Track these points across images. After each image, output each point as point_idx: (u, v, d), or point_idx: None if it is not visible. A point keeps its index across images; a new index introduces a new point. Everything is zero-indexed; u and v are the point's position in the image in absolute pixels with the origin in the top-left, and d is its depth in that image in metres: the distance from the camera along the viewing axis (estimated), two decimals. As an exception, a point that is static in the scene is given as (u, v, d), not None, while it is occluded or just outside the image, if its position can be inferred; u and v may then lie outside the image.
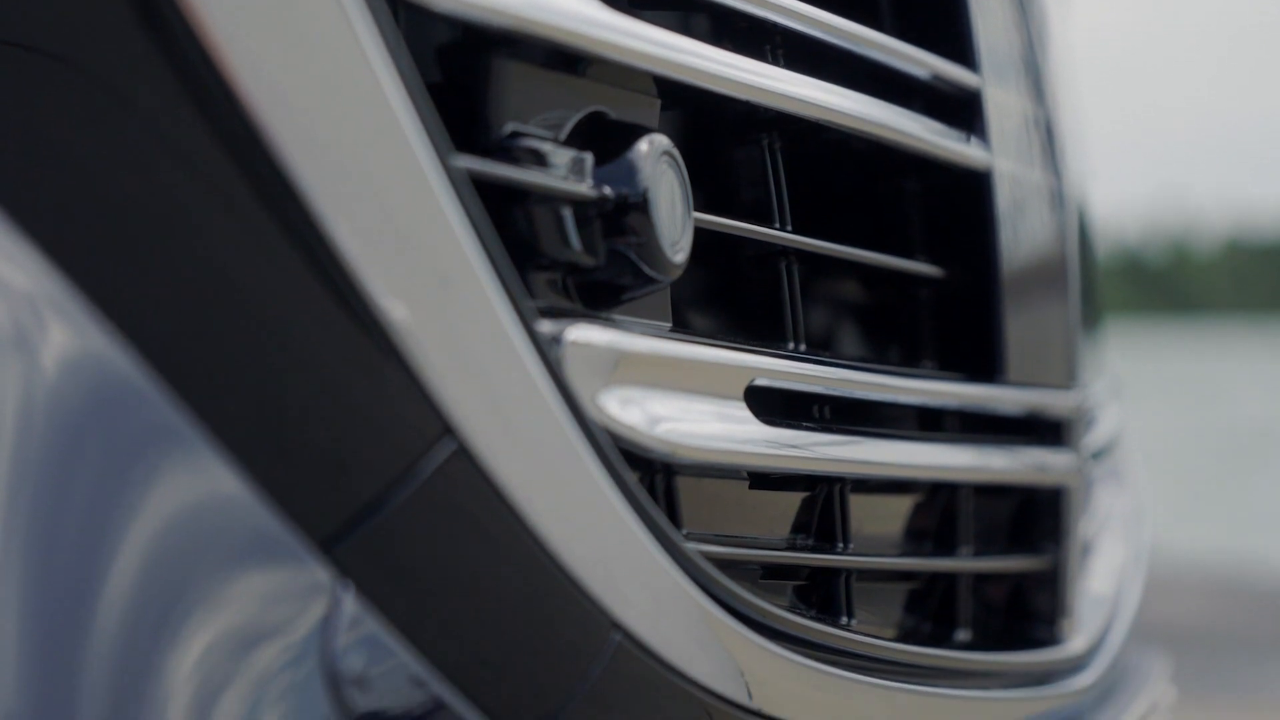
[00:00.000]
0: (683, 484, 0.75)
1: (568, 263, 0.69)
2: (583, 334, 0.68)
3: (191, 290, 0.58)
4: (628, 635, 0.68)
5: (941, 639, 0.97)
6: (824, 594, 0.85)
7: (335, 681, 0.59)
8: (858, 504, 0.87)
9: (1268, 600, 6.67)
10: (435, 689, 0.62)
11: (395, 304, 0.61)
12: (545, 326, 0.67)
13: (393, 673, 0.61)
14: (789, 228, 0.85)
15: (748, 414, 0.77)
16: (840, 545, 0.85)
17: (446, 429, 0.62)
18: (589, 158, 0.70)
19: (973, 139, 0.98)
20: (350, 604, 0.60)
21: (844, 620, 0.85)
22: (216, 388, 0.59)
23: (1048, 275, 1.07)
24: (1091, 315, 1.31)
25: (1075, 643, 1.10)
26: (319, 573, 0.59)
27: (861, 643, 0.83)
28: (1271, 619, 6.35)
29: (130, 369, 0.57)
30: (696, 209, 0.75)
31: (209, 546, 0.58)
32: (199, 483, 0.58)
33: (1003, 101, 1.00)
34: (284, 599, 0.59)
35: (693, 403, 0.74)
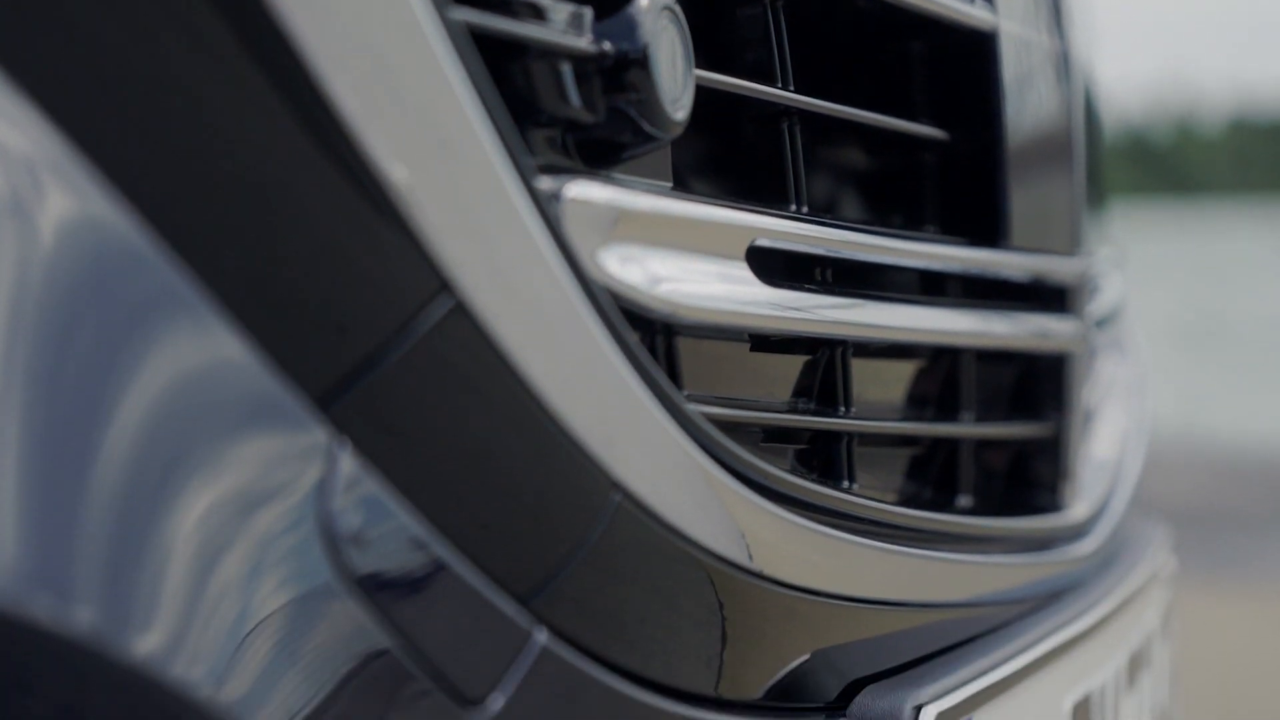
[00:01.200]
0: (683, 345, 0.74)
1: (567, 119, 0.68)
2: (582, 191, 0.67)
3: (189, 151, 0.57)
4: (628, 496, 0.68)
5: (943, 505, 0.97)
6: (825, 458, 0.84)
7: (334, 543, 0.59)
8: (860, 368, 0.86)
9: (1264, 479, 6.69)
10: (435, 550, 0.62)
11: (393, 160, 0.60)
12: (544, 183, 0.66)
13: (393, 534, 0.61)
14: (791, 88, 0.84)
15: (749, 275, 0.76)
16: (842, 409, 0.84)
17: (443, 285, 0.61)
18: (588, 12, 0.68)
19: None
20: (348, 463, 0.60)
21: (845, 484, 0.84)
22: (215, 248, 0.58)
23: (1053, 140, 1.06)
24: (1096, 185, 1.30)
25: (1077, 510, 1.10)
26: (316, 432, 0.59)
27: (863, 506, 0.83)
28: (1268, 497, 6.37)
29: (129, 230, 0.56)
30: (698, 68, 0.74)
31: (205, 406, 0.57)
32: (196, 342, 0.57)
33: (1009, -38, 0.99)
34: (282, 459, 0.59)
35: (693, 262, 0.73)
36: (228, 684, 0.55)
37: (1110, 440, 1.26)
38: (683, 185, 0.78)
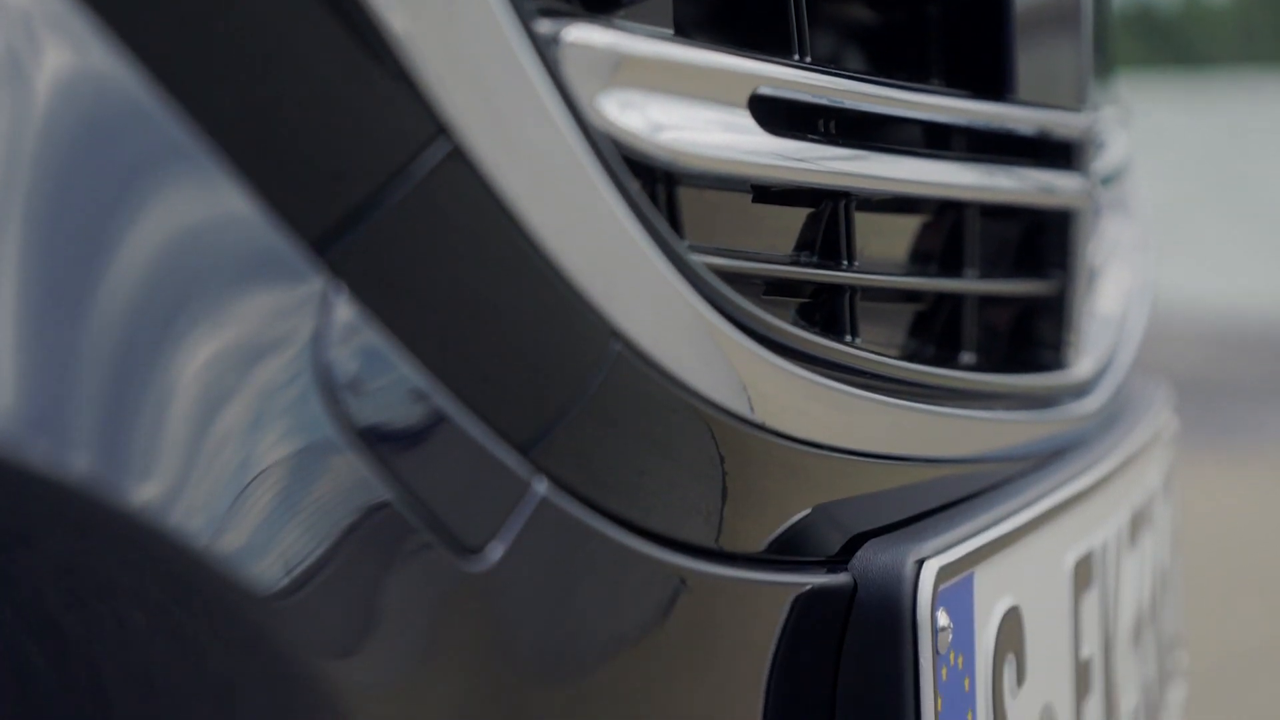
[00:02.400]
0: (685, 194, 0.73)
1: (565, -39, 0.67)
2: (582, 34, 0.66)
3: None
4: (628, 345, 0.67)
5: (946, 361, 0.97)
6: (827, 312, 0.84)
7: (333, 392, 0.58)
8: (863, 222, 0.85)
9: (1265, 348, 6.70)
10: (435, 401, 0.61)
11: (390, 3, 0.59)
12: (543, 26, 0.64)
13: (392, 385, 0.60)
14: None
15: (752, 123, 0.75)
16: (844, 262, 0.83)
17: (441, 129, 0.60)
18: None
19: None
20: (345, 312, 0.59)
21: (848, 338, 0.84)
22: (210, 94, 0.57)
23: (1060, -8, 1.04)
24: (1103, 48, 1.28)
25: (1081, 367, 1.09)
26: (314, 280, 0.58)
27: (865, 360, 0.82)
28: (1267, 366, 6.38)
29: (125, 77, 0.55)
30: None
31: (202, 254, 0.56)
32: (192, 190, 0.57)
33: None
34: (279, 308, 0.58)
35: (695, 110, 0.72)
36: (226, 535, 0.55)
37: (1114, 299, 1.25)
38: (684, 35, 0.77)
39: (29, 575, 0.53)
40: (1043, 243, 1.06)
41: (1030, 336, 1.07)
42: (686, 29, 0.83)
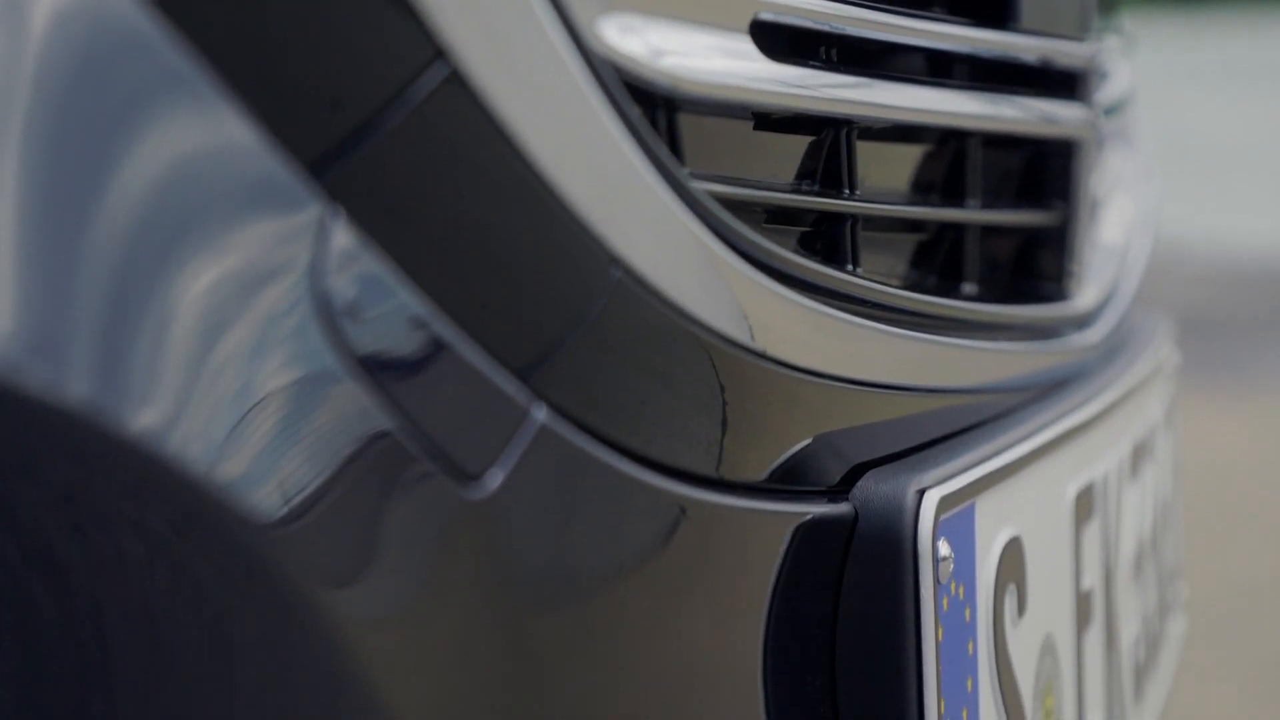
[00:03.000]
0: (685, 121, 0.72)
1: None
2: (581, -43, 0.65)
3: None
4: (628, 272, 0.67)
5: (948, 292, 0.96)
6: (829, 240, 0.83)
7: (332, 320, 0.58)
8: (865, 151, 0.85)
9: (1264, 284, 6.69)
10: (434, 328, 0.61)
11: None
12: (541, -51, 0.64)
13: (392, 312, 0.60)
14: None
15: (753, 49, 0.75)
16: (846, 191, 0.83)
17: (439, 53, 0.60)
18: None
19: None
20: (342, 235, 0.58)
21: (849, 268, 0.83)
22: (208, 16, 0.56)
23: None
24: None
25: (1083, 299, 1.09)
26: (312, 207, 0.58)
27: (866, 289, 0.82)
28: (1268, 302, 6.38)
29: (124, 3, 0.55)
30: None
31: (199, 180, 0.56)
32: (188, 116, 0.56)
33: None
34: (278, 234, 0.58)
35: (696, 35, 0.72)
36: (224, 462, 0.55)
37: (1117, 230, 1.24)
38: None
39: (29, 506, 0.52)
40: (1045, 173, 1.06)
41: (1032, 268, 1.07)
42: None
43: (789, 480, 0.77)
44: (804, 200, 0.81)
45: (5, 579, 0.52)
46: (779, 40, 0.77)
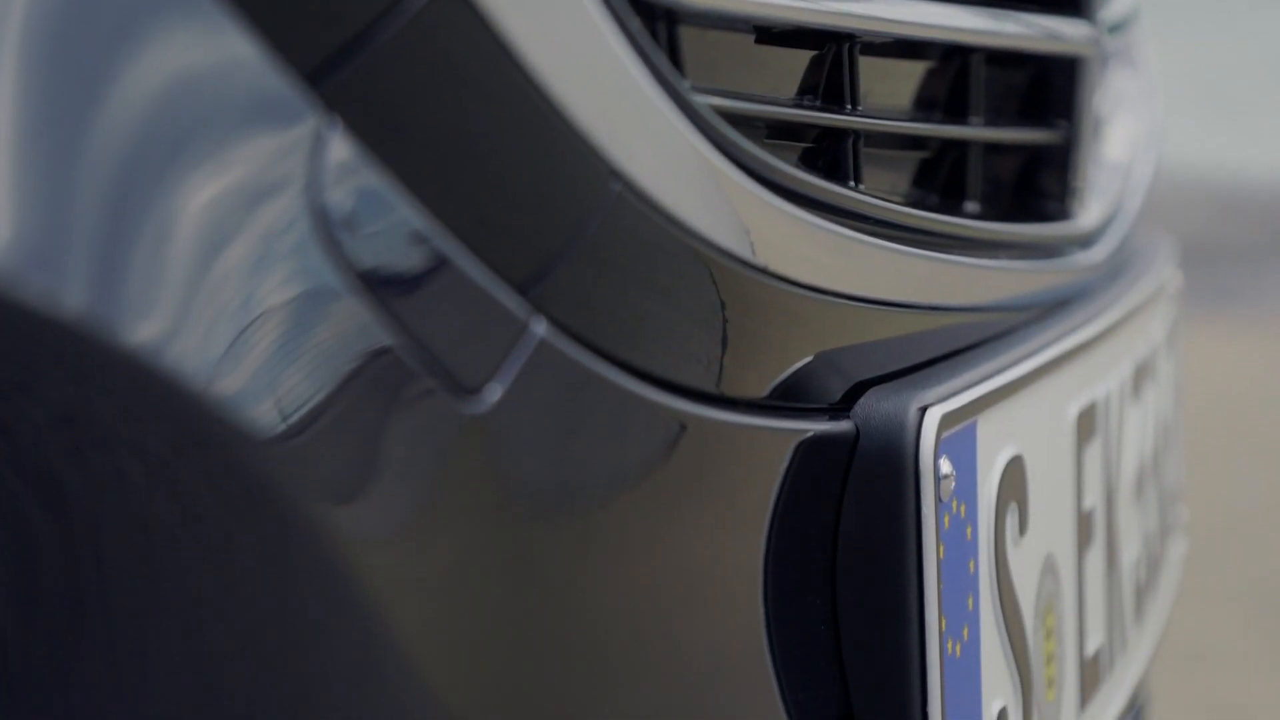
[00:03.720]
0: (686, 33, 0.71)
1: None
2: None
3: None
4: (629, 186, 0.66)
5: (950, 210, 0.95)
6: (830, 156, 0.82)
7: (330, 234, 0.57)
8: (868, 67, 0.84)
9: (1264, 212, 6.67)
10: (435, 243, 0.60)
11: None
12: None
13: (392, 227, 0.59)
14: None
15: (755, -39, 0.74)
16: (848, 106, 0.82)
17: (436, -40, 0.59)
18: None
19: None
20: (340, 148, 0.58)
21: (851, 184, 0.83)
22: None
23: None
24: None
25: (1086, 218, 1.08)
26: (310, 118, 0.57)
27: (869, 204, 0.81)
28: (1268, 229, 6.36)
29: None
30: None
31: (193, 90, 0.55)
32: (183, 24, 0.55)
33: None
34: (274, 145, 0.57)
35: (697, -54, 0.71)
36: (223, 377, 0.54)
37: (1121, 150, 1.23)
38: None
39: (29, 427, 0.52)
40: (1049, 91, 1.05)
41: (1035, 187, 1.06)
42: None
43: (790, 397, 0.77)
44: (806, 115, 0.80)
45: (5, 504, 0.52)
46: (781, -48, 0.76)
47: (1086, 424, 1.00)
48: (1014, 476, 0.88)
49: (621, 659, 0.66)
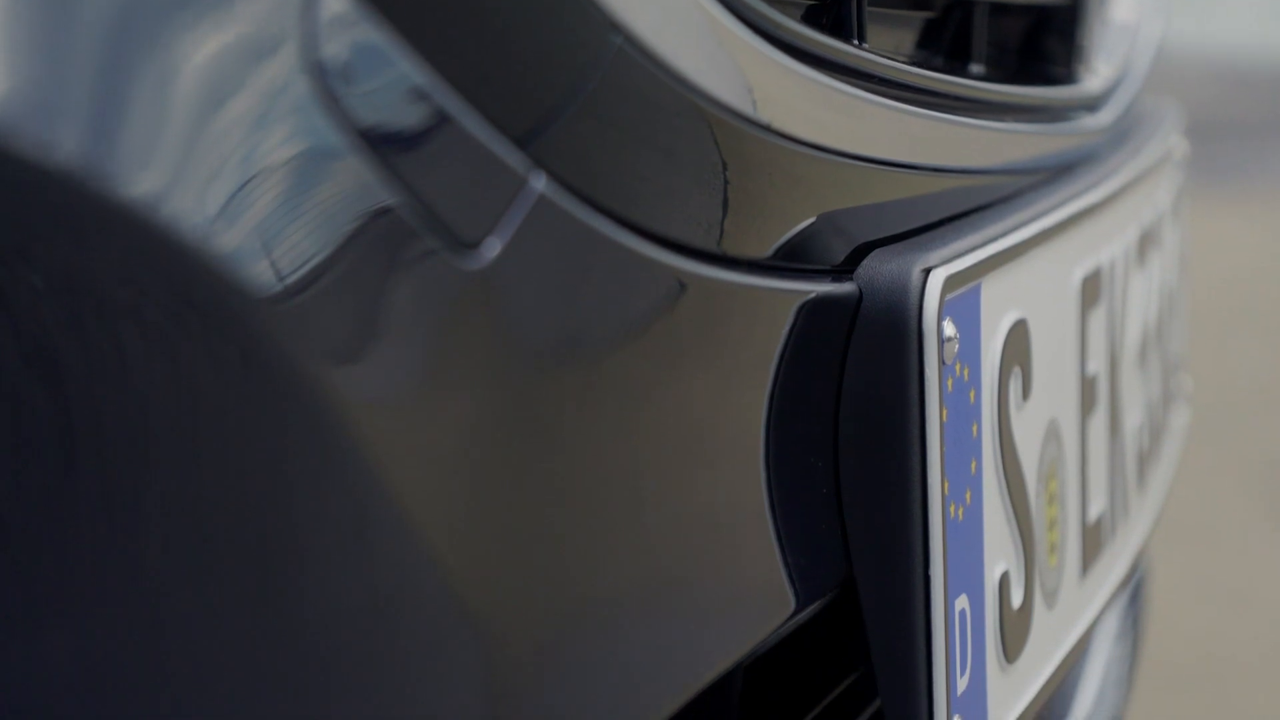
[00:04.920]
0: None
1: None
2: None
3: None
4: (629, 38, 0.65)
5: (956, 72, 0.94)
6: (836, 13, 0.81)
7: (328, 88, 0.56)
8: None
9: (1269, 87, 6.63)
10: (433, 96, 0.59)
11: None
12: None
13: (391, 83, 0.58)
14: None
15: None
16: (854, -38, 0.80)
17: None
18: None
19: None
20: (338, 3, 0.56)
21: (856, 42, 0.81)
22: None
23: None
24: None
25: (1093, 82, 1.07)
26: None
27: (874, 63, 0.80)
28: (1273, 106, 6.32)
29: None
30: None
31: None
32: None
33: None
34: (268, 1, 0.55)
35: None
36: (222, 233, 0.53)
37: (1128, 12, 1.22)
38: None
39: (27, 294, 0.51)
40: (1056, -49, 1.03)
41: (1042, 51, 1.05)
42: None
43: (792, 258, 0.76)
44: (810, -30, 0.78)
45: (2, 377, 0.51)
46: None
47: (1091, 289, 0.99)
48: (1018, 340, 0.87)
49: (621, 519, 0.66)
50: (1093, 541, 1.01)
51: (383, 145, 0.57)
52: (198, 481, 0.54)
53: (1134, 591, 1.41)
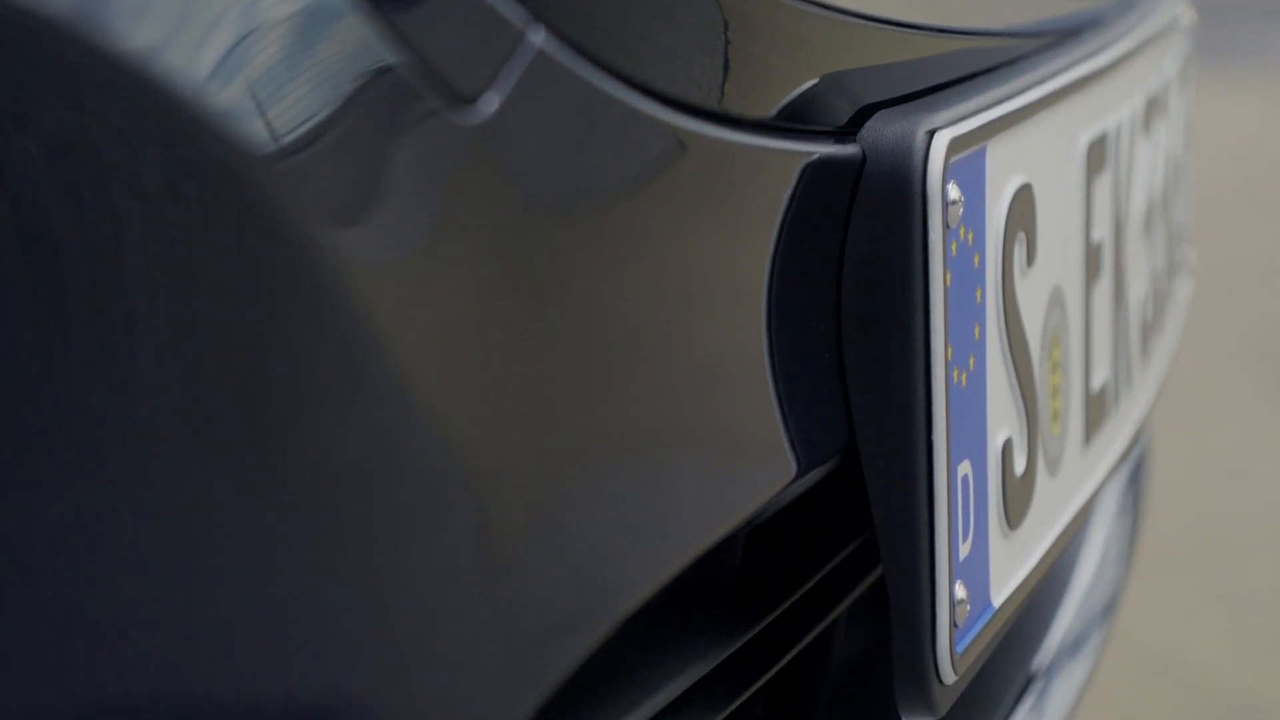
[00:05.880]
0: None
1: None
2: None
3: None
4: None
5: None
6: None
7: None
8: None
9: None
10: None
11: None
12: None
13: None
14: None
15: None
16: None
17: None
18: None
19: None
20: None
21: (860, -101, 0.79)
22: None
23: None
24: None
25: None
26: None
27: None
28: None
29: None
30: None
31: None
32: None
33: None
34: None
35: None
36: (219, 92, 0.52)
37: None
38: None
39: (26, 165, 0.50)
40: None
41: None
42: None
43: (795, 119, 0.75)
44: None
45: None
46: None
47: (1097, 155, 0.98)
48: (1023, 205, 0.86)
49: (620, 378, 0.65)
50: (1096, 410, 1.00)
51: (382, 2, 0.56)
52: (195, 346, 0.53)
53: (1135, 469, 1.41)
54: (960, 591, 0.81)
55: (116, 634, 0.52)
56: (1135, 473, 1.42)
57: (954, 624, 0.80)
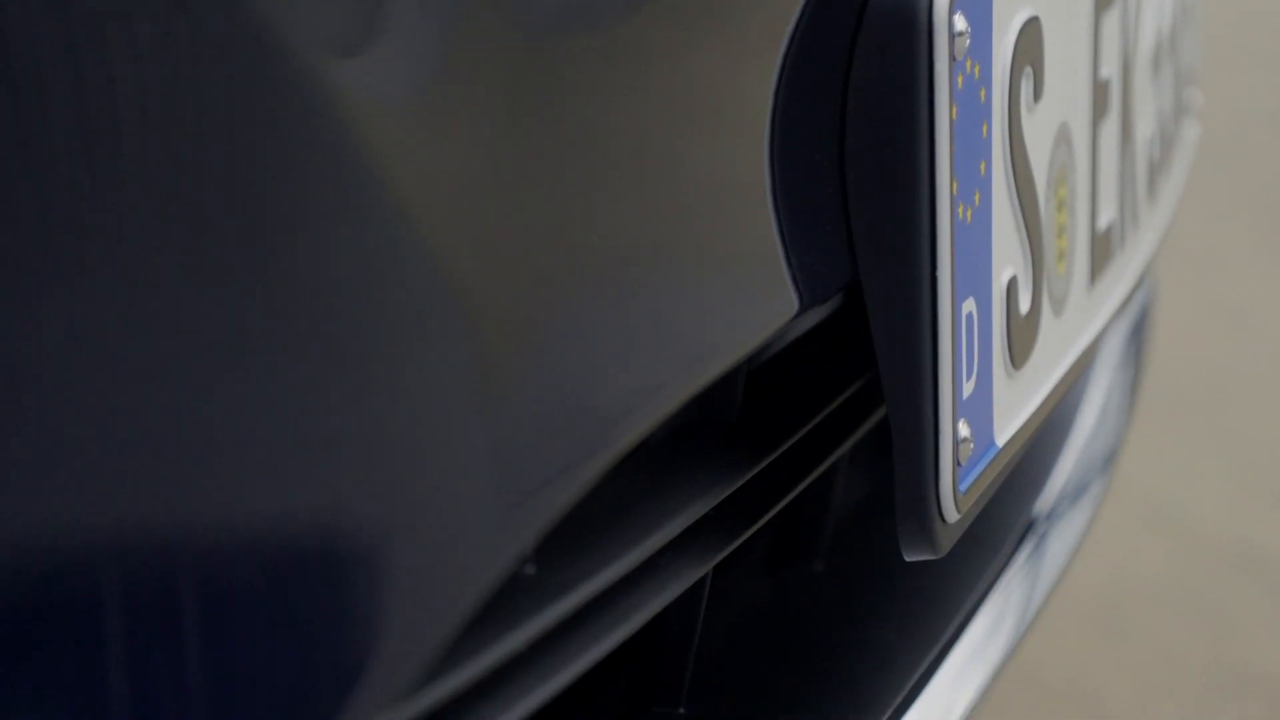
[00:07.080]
0: None
1: None
2: None
3: None
4: None
5: None
6: None
7: None
8: None
9: None
10: None
11: None
12: None
13: None
14: None
15: None
16: None
17: None
18: None
19: None
20: None
21: None
22: None
23: None
24: None
25: None
26: None
27: None
28: None
29: None
30: None
31: None
32: None
33: None
34: None
35: None
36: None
37: None
38: None
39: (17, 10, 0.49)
40: None
41: None
42: None
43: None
44: None
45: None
46: None
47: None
48: (1030, 38, 0.84)
49: (622, 199, 0.64)
50: (1102, 250, 0.99)
51: None
52: (196, 170, 0.51)
53: (1138, 320, 1.40)
54: (964, 429, 0.80)
55: (116, 447, 0.51)
56: (1138, 324, 1.41)
57: (957, 462, 0.79)
